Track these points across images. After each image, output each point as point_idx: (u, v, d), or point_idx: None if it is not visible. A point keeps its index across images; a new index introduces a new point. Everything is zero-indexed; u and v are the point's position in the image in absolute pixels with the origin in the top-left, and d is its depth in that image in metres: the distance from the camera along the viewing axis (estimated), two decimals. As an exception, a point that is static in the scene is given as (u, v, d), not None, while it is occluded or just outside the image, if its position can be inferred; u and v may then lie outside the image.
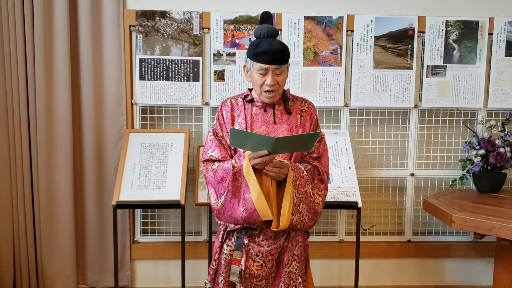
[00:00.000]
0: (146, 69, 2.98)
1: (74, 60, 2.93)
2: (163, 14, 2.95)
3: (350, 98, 3.08)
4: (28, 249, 2.98)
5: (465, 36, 3.05)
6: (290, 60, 2.04)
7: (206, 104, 3.05)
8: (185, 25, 2.96)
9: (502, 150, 2.91)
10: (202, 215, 3.13)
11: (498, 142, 2.95)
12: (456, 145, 3.21)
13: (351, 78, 3.05)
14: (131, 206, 2.75)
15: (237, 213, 1.92)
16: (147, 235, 3.14)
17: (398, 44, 3.03)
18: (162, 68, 2.98)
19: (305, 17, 2.98)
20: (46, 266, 2.99)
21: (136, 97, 3.01)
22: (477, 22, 3.05)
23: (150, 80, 2.98)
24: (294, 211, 1.91)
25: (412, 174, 3.18)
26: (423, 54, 3.06)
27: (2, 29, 2.83)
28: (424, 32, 3.03)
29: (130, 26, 2.95)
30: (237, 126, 2.01)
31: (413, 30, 3.02)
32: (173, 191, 2.73)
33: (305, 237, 2.10)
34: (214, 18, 2.96)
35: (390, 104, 3.08)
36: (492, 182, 2.98)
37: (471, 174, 3.03)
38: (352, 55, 3.03)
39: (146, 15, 2.94)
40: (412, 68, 3.05)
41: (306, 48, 3.00)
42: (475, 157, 2.97)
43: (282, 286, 2.00)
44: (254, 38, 2.00)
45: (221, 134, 2.04)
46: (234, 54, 2.99)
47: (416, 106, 3.11)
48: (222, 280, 2.02)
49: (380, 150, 3.19)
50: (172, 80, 2.99)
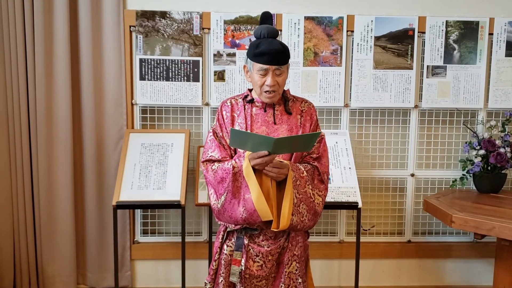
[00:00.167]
0: (146, 69, 2.98)
1: (74, 60, 2.93)
2: (163, 15, 2.95)
3: (350, 99, 3.08)
4: (28, 249, 2.98)
5: (465, 36, 3.05)
6: (290, 60, 2.04)
7: (206, 104, 3.05)
8: (185, 25, 2.96)
9: (502, 150, 2.91)
10: (202, 216, 3.13)
11: (498, 142, 2.95)
12: (456, 145, 3.21)
13: (351, 79, 3.05)
14: (131, 206, 2.75)
15: (237, 213, 1.92)
16: (147, 235, 3.14)
17: (398, 44, 3.03)
18: (162, 68, 2.98)
19: (305, 17, 2.98)
20: (46, 266, 2.99)
21: (136, 97, 3.01)
22: (477, 23, 3.04)
23: (150, 80, 2.98)
24: (294, 212, 1.91)
25: (412, 175, 3.18)
26: (423, 55, 3.06)
27: (2, 29, 2.84)
28: (424, 32, 3.03)
29: (130, 26, 2.96)
30: (237, 127, 2.01)
31: (413, 30, 3.02)
32: (173, 192, 2.73)
33: (305, 237, 2.10)
34: (214, 19, 2.96)
35: (390, 104, 3.08)
36: (492, 182, 2.98)
37: (471, 175, 3.03)
38: (352, 56, 3.03)
39: (146, 16, 2.94)
40: (412, 68, 3.05)
41: (306, 48, 3.00)
42: (475, 157, 2.97)
43: (282, 286, 2.00)
44: (254, 39, 1.99)
45: (221, 134, 2.04)
46: (234, 55, 2.98)
47: (416, 106, 3.11)
48: (222, 280, 2.02)
49: (380, 150, 3.19)
50: (172, 80, 2.99)
